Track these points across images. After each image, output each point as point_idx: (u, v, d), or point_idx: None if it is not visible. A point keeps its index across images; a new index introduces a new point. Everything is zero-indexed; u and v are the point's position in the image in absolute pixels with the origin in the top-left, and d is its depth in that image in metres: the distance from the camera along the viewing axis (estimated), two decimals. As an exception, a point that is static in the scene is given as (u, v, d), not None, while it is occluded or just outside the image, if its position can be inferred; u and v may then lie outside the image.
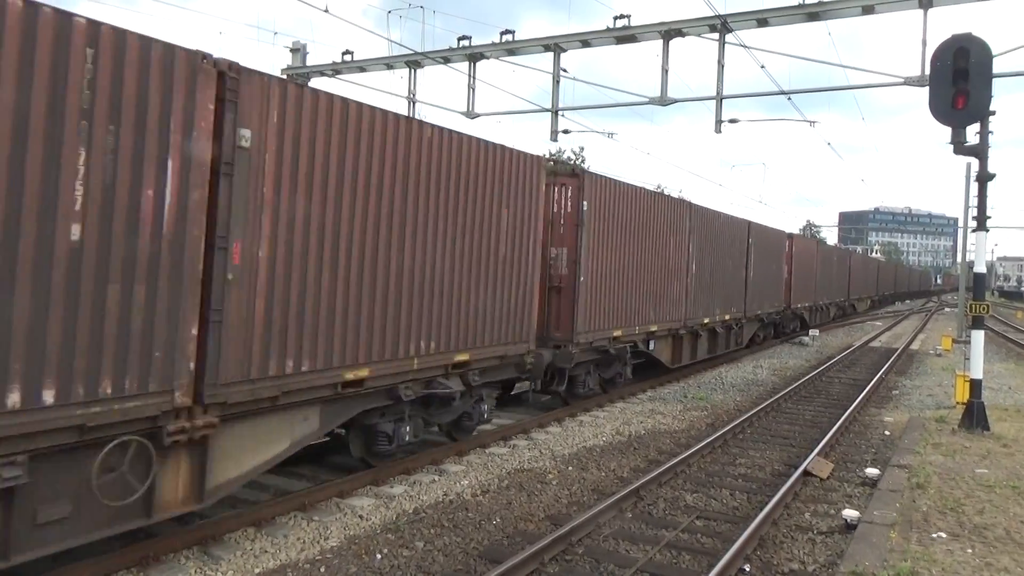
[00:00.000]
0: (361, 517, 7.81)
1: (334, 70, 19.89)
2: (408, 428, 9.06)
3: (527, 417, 13.13)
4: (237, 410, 6.62)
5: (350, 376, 7.75)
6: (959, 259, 42.37)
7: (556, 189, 12.86)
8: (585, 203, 12.87)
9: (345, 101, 7.56)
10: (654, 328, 16.03)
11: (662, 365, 17.35)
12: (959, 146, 12.33)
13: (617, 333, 14.30)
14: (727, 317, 21.04)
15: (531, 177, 10.91)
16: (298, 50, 20.37)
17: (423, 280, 8.76)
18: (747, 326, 23.55)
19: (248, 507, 7.68)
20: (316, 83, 19.85)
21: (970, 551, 6.85)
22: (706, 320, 19.27)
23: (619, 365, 15.02)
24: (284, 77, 8.89)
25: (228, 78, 6.30)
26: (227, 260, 6.38)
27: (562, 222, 12.93)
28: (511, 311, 10.59)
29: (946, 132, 12.34)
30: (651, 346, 16.30)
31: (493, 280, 10.12)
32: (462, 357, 9.56)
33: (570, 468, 10.07)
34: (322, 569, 6.52)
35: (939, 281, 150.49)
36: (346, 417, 8.14)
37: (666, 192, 34.15)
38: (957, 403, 13.93)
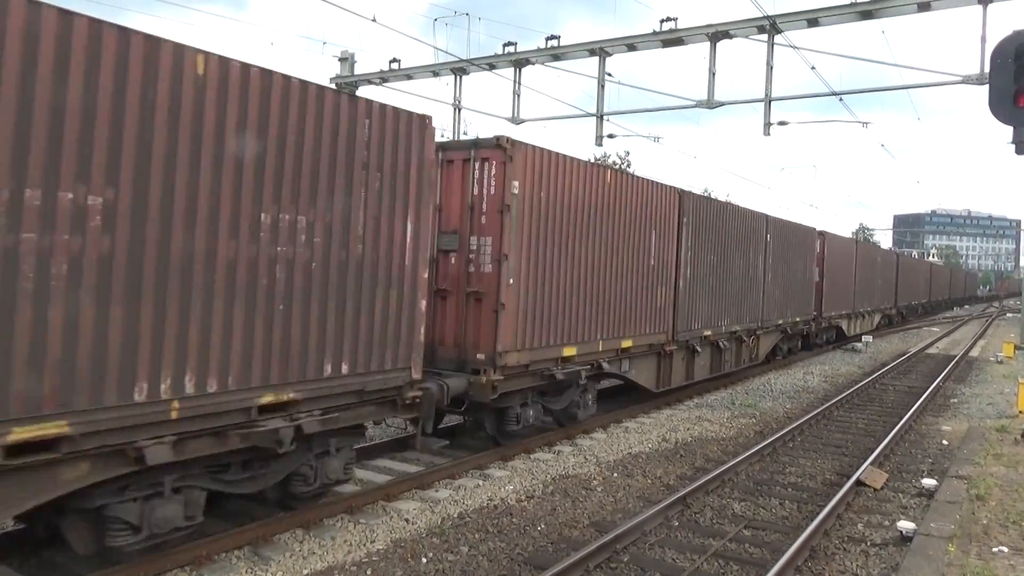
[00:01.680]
0: (407, 521, 7.88)
1: (381, 78, 20.17)
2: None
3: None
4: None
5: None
6: (1022, 263, 40.62)
7: (477, 165, 9.93)
8: (516, 183, 9.83)
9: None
10: (628, 344, 12.85)
11: (644, 389, 14.08)
12: (1021, 146, 11.84)
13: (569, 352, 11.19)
14: (736, 329, 17.61)
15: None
16: (346, 59, 20.71)
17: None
18: (764, 338, 19.95)
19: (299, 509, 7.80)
20: (364, 91, 20.17)
21: (1034, 567, 6.59)
22: (707, 333, 16.02)
23: (575, 392, 11.83)
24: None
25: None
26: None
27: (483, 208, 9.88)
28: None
29: (1007, 131, 11.92)
30: (624, 367, 13.07)
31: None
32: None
33: (615, 475, 10.00)
34: (368, 572, 6.60)
35: (984, 287, 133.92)
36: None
37: (712, 195, 33.59)
38: (1020, 412, 13.46)
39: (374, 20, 14.98)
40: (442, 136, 12.19)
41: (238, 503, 7.66)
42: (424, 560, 6.86)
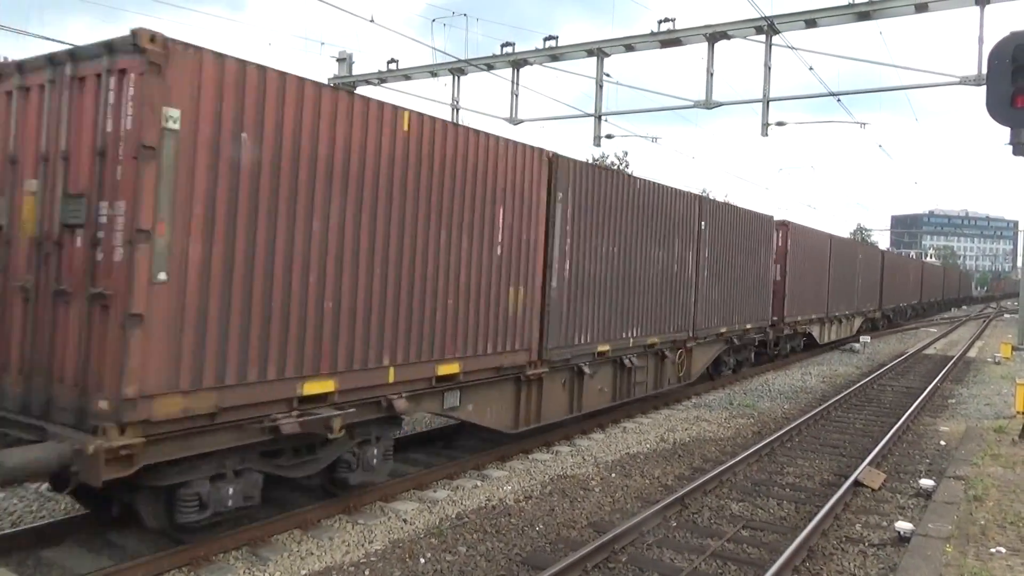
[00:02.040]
0: (405, 521, 7.87)
1: (380, 79, 20.19)
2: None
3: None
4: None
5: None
6: (1019, 263, 40.33)
7: (112, 81, 5.83)
8: (173, 112, 5.71)
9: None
10: (451, 370, 8.80)
11: (490, 431, 10.17)
12: (1018, 147, 11.81)
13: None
14: (654, 341, 13.61)
15: None
16: (344, 59, 20.73)
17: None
18: (698, 352, 15.86)
19: (296, 509, 7.80)
20: (362, 91, 20.15)
21: (1031, 567, 6.60)
22: (603, 348, 11.96)
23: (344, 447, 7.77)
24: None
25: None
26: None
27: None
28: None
29: (1005, 132, 11.94)
30: (450, 401, 9.07)
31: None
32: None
33: (613, 475, 10.00)
34: (367, 572, 6.59)
35: (981, 287, 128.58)
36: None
37: (711, 196, 33.31)
38: (1017, 413, 13.46)
39: (372, 20, 15.00)
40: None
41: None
42: (422, 560, 6.86)
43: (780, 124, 16.40)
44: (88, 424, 5.77)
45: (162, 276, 5.84)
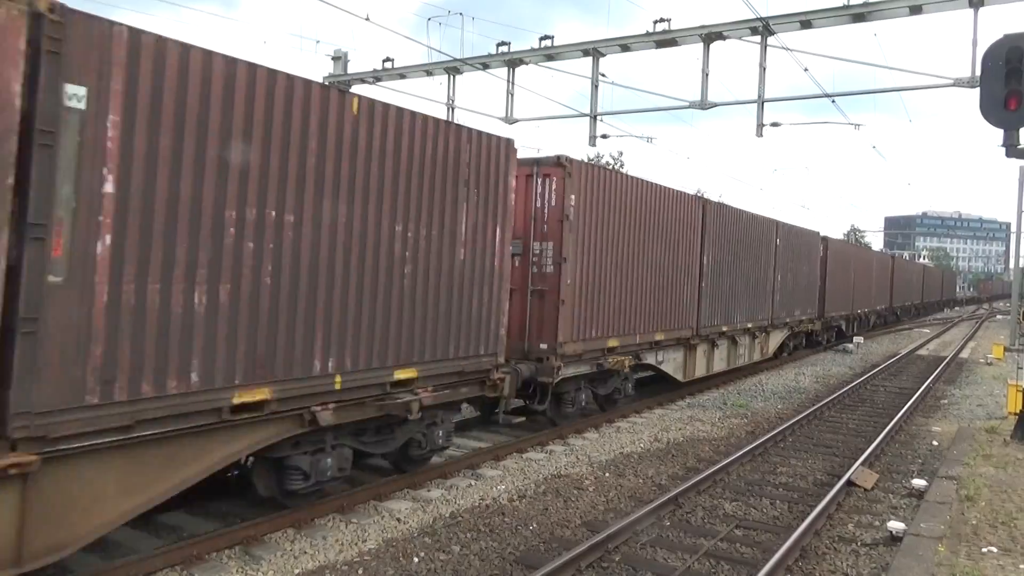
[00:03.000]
0: (399, 520, 7.87)
1: (375, 77, 20.13)
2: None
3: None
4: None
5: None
6: (1011, 264, 40.33)
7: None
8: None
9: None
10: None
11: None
12: (1011, 149, 11.90)
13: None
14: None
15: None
16: (339, 58, 20.67)
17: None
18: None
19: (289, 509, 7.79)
20: (357, 90, 20.11)
21: (1023, 566, 6.63)
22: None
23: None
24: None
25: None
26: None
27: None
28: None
29: (998, 134, 11.98)
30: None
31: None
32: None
33: (607, 474, 10.01)
34: (360, 571, 6.58)
35: (969, 288, 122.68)
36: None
37: (706, 196, 33.16)
38: (1009, 413, 13.51)
39: (367, 19, 14.95)
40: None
41: (230, 505, 7.81)
42: (416, 559, 6.86)
43: (775, 125, 16.43)
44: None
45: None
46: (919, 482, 9.56)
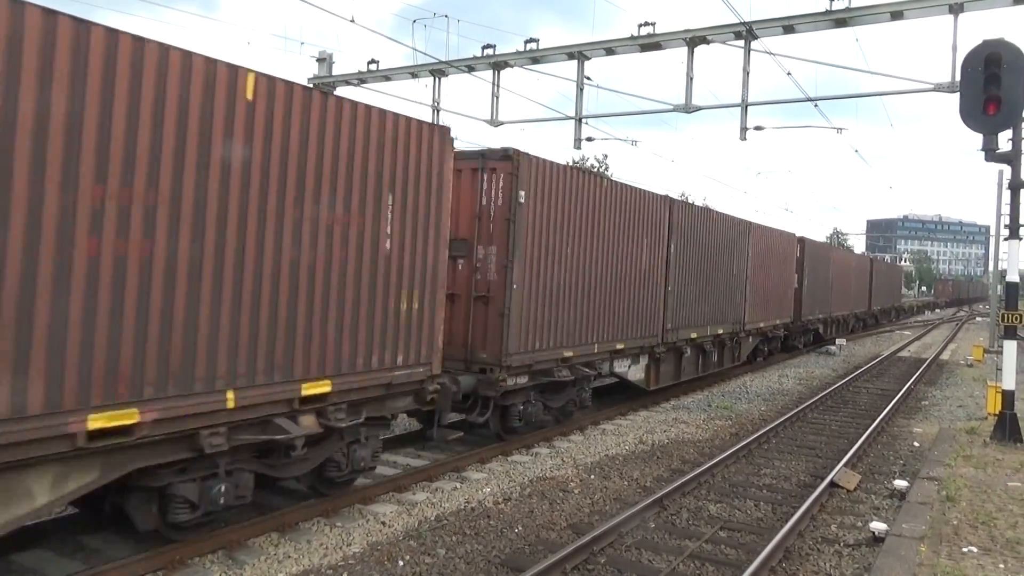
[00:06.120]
0: (383, 524, 7.83)
1: (360, 79, 20.07)
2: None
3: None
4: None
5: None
6: (991, 268, 40.85)
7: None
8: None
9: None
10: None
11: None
12: (991, 153, 12.13)
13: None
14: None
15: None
16: (324, 60, 20.58)
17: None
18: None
19: (274, 512, 7.73)
20: (342, 92, 20.05)
21: (1002, 566, 6.70)
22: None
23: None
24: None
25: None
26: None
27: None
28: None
29: (977, 139, 12.14)
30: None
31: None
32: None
33: (592, 477, 10.02)
34: (345, 575, 6.54)
35: (923, 286, 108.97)
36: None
37: (690, 200, 33.22)
38: (989, 414, 13.66)
39: (352, 21, 14.90)
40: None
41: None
42: (401, 563, 6.83)
43: (758, 128, 16.50)
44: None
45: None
46: (901, 483, 9.65)
